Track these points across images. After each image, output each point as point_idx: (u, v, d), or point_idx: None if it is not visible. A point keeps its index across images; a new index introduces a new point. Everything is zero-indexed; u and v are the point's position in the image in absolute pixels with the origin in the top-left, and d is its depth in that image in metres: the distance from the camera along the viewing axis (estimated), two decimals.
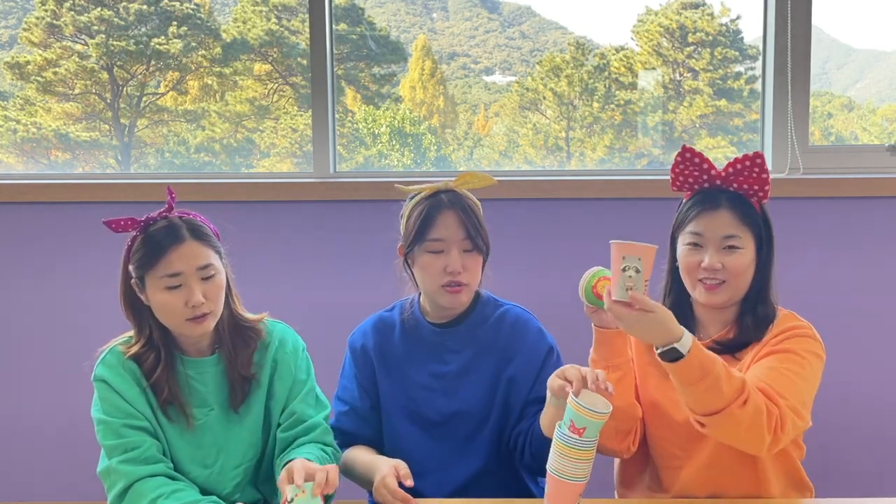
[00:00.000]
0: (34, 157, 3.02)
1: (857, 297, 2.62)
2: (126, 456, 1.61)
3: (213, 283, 1.66)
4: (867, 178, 2.61)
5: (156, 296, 1.64)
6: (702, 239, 1.71)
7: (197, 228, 1.68)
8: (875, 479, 2.67)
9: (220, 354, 1.74)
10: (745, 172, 1.70)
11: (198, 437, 1.71)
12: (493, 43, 3.38)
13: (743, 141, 2.98)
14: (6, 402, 2.74)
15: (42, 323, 2.70)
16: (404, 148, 3.16)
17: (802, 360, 1.66)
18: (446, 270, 1.76)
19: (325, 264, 2.66)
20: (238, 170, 3.05)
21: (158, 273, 1.62)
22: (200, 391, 1.72)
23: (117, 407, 1.65)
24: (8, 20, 3.14)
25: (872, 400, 2.65)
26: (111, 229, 1.69)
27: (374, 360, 1.89)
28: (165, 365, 1.67)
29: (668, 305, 1.79)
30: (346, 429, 1.88)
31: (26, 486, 2.76)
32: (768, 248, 1.74)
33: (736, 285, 1.71)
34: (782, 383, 1.60)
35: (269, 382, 1.76)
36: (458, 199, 1.79)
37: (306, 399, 1.78)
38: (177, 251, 1.63)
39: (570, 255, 2.65)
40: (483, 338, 1.87)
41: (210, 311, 1.65)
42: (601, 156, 3.04)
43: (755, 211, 1.72)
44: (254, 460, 1.77)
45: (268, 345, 1.77)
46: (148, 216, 1.68)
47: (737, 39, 2.98)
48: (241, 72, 3.05)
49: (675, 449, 1.77)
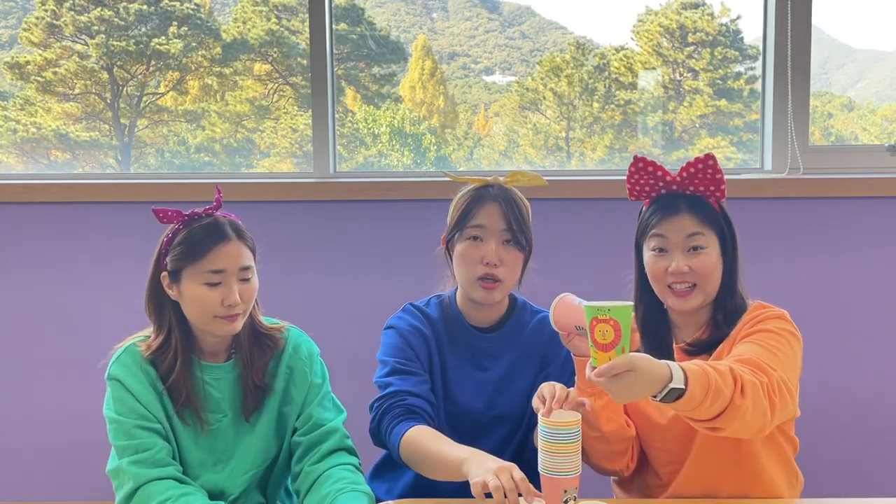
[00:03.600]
0: (34, 157, 3.02)
1: (856, 297, 2.62)
2: (137, 457, 1.61)
3: (249, 285, 1.69)
4: (867, 178, 2.61)
5: (193, 289, 1.64)
6: (666, 242, 1.71)
7: (240, 230, 1.70)
8: (875, 480, 2.67)
9: (235, 360, 1.73)
10: (699, 175, 1.69)
11: (209, 442, 1.71)
12: (493, 43, 3.38)
13: (743, 141, 2.98)
14: (6, 402, 2.74)
15: (42, 323, 2.70)
16: (404, 148, 3.16)
17: (779, 336, 1.63)
18: (483, 261, 1.76)
19: (325, 264, 2.66)
20: (238, 170, 3.05)
21: (202, 268, 1.63)
22: (215, 396, 1.72)
23: (130, 408, 1.65)
24: (8, 20, 3.14)
25: (872, 400, 2.65)
26: (158, 218, 1.70)
27: (430, 346, 1.83)
28: (182, 368, 1.67)
29: (641, 314, 1.79)
30: (406, 389, 1.74)
31: (26, 486, 2.76)
32: (732, 245, 1.73)
33: (706, 287, 1.70)
34: (765, 356, 1.56)
35: (284, 389, 1.76)
36: (505, 193, 1.82)
37: (323, 403, 1.77)
38: (224, 249, 1.65)
39: (570, 255, 2.66)
40: (523, 345, 1.86)
41: (241, 312, 1.67)
42: (601, 156, 3.03)
43: (715, 211, 1.72)
44: (263, 466, 1.77)
45: (282, 352, 1.77)
46: (193, 211, 1.69)
47: (737, 39, 2.98)
48: (241, 72, 3.05)
49: (664, 454, 1.77)
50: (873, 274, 2.63)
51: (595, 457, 1.76)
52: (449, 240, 1.84)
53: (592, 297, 2.68)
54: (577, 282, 2.70)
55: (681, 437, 1.70)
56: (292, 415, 1.76)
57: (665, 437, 1.74)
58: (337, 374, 2.02)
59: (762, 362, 1.53)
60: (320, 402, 1.77)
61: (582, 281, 2.66)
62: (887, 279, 2.63)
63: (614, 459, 1.76)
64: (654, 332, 1.78)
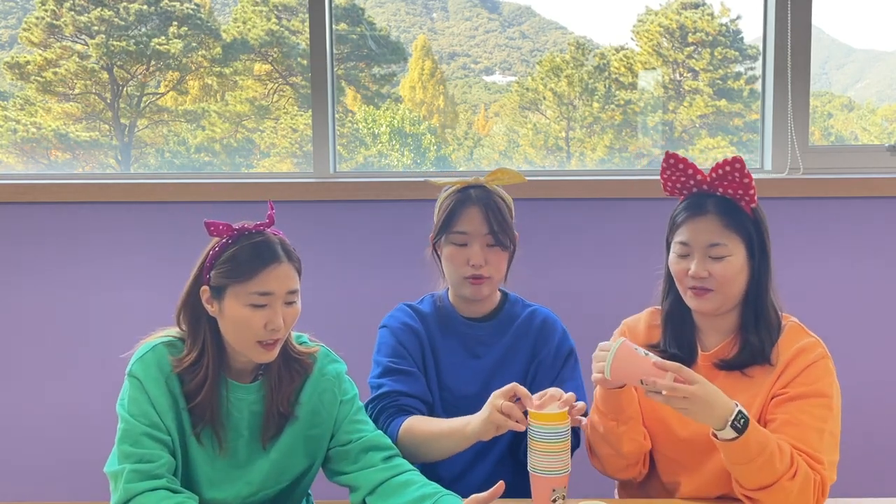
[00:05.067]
0: (34, 157, 3.02)
1: (856, 297, 2.62)
2: (138, 468, 1.54)
3: (293, 309, 1.61)
4: (867, 178, 2.61)
5: (235, 310, 1.56)
6: (688, 248, 1.69)
7: (290, 251, 1.63)
8: (875, 479, 2.67)
9: (262, 382, 1.66)
10: (728, 177, 1.65)
11: (221, 461, 1.65)
12: (493, 43, 3.38)
13: (743, 141, 2.98)
14: (6, 402, 2.74)
15: (42, 323, 2.70)
16: (404, 148, 3.16)
17: (830, 401, 1.63)
18: (469, 263, 1.81)
19: (325, 264, 2.66)
20: (238, 170, 3.05)
21: (249, 288, 1.55)
22: (235, 416, 1.64)
23: (144, 411, 1.57)
24: (8, 20, 3.14)
25: (872, 400, 2.65)
26: (208, 231, 1.60)
27: (422, 342, 1.89)
28: (210, 389, 1.59)
29: (666, 309, 1.78)
30: (400, 390, 1.82)
31: (26, 486, 2.76)
32: (762, 253, 1.69)
33: (724, 293, 1.67)
34: (818, 443, 1.59)
35: (312, 413, 1.69)
36: (486, 195, 1.84)
37: (357, 416, 1.72)
38: (274, 271, 1.57)
39: (569, 255, 2.66)
40: (514, 334, 1.90)
41: (281, 338, 1.60)
42: (601, 156, 3.03)
43: (745, 215, 1.67)
44: (273, 489, 1.70)
45: (309, 376, 1.71)
46: (243, 226, 1.61)
47: (737, 39, 2.98)
48: (241, 72, 3.05)
49: (676, 465, 1.76)
50: (873, 274, 2.63)
51: (611, 469, 1.78)
52: (435, 242, 1.89)
53: (593, 297, 2.69)
54: (577, 282, 2.71)
55: (699, 452, 1.69)
56: (324, 436, 1.70)
57: (681, 448, 1.73)
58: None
59: (819, 455, 1.57)
60: (354, 416, 1.72)
61: (582, 281, 2.67)
62: (887, 279, 2.63)
63: (629, 470, 1.77)
64: (677, 331, 1.77)
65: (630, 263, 2.64)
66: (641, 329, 1.84)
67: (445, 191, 1.90)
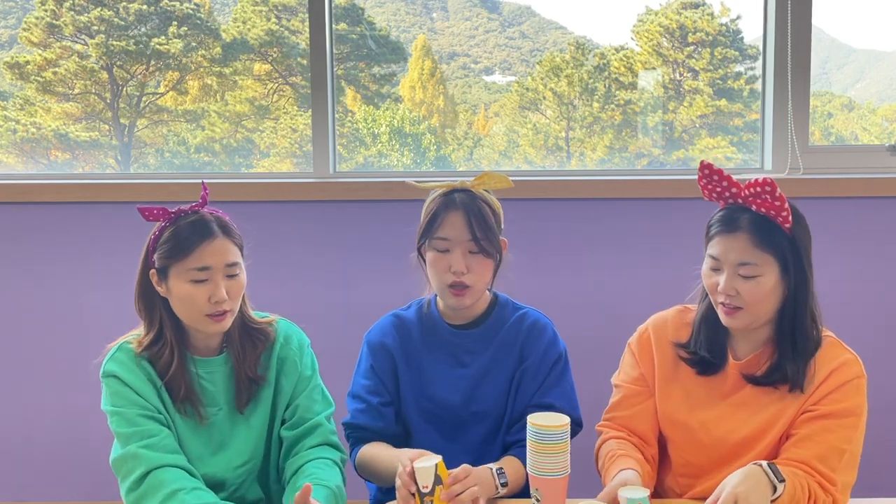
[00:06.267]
0: (34, 157, 3.02)
1: (857, 297, 2.62)
2: (146, 442, 1.61)
3: (236, 281, 1.69)
4: (867, 178, 2.61)
5: (179, 287, 1.65)
6: (718, 262, 1.65)
7: (227, 226, 1.70)
8: (875, 480, 2.67)
9: (227, 354, 1.75)
10: (761, 196, 1.61)
11: (207, 434, 1.72)
12: (493, 43, 3.38)
13: (743, 141, 2.98)
14: (6, 402, 2.74)
15: (42, 323, 2.70)
16: (404, 148, 3.16)
17: (857, 420, 1.66)
18: (450, 269, 1.77)
19: (325, 264, 2.66)
20: (238, 170, 3.05)
21: (187, 265, 1.64)
22: (209, 390, 1.73)
23: (130, 400, 1.65)
24: (8, 20, 3.14)
25: (874, 399, 2.64)
26: (143, 216, 1.70)
27: (395, 358, 1.88)
28: (179, 363, 1.68)
29: (702, 311, 1.76)
30: (362, 424, 1.86)
31: (26, 486, 2.76)
32: (798, 272, 1.64)
33: (754, 312, 1.65)
34: (837, 463, 1.61)
35: (276, 379, 1.78)
36: (470, 200, 1.79)
37: (312, 395, 1.79)
38: (209, 246, 1.65)
39: (569, 255, 2.66)
40: (502, 340, 1.87)
41: (230, 310, 1.67)
42: (601, 156, 3.03)
43: (780, 233, 1.62)
44: (259, 458, 1.78)
45: (273, 343, 1.79)
46: (179, 209, 1.69)
47: (737, 39, 2.98)
48: (241, 72, 3.05)
49: (695, 468, 1.75)
50: (873, 274, 2.62)
51: None
52: (419, 246, 1.85)
53: (593, 297, 2.69)
54: (577, 282, 2.71)
55: (719, 458, 1.70)
56: (281, 405, 1.78)
57: (703, 453, 1.73)
58: (335, 374, 2.02)
59: (834, 476, 1.59)
60: (309, 394, 1.78)
61: (582, 281, 2.67)
62: (887, 279, 2.63)
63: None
64: (711, 335, 1.75)
65: (630, 263, 2.64)
66: (669, 329, 1.81)
67: (432, 194, 1.86)
